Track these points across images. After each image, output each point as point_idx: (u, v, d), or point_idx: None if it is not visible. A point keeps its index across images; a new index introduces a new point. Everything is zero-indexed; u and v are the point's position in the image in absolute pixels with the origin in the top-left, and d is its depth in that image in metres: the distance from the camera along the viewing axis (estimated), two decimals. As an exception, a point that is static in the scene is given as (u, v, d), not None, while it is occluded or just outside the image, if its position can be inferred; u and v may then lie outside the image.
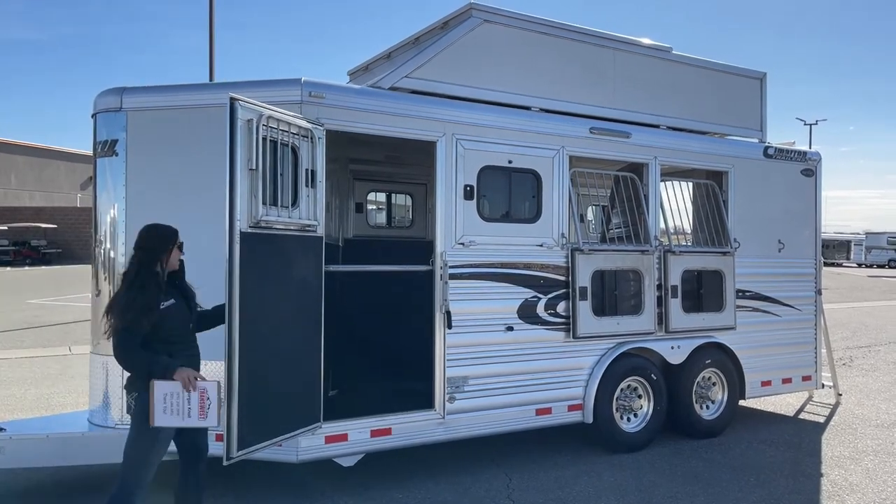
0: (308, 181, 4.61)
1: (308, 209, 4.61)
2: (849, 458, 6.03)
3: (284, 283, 4.39)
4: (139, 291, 3.60)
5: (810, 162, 7.50)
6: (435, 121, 5.23)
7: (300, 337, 4.54)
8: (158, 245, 3.78)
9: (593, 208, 8.84)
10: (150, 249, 3.75)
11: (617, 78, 6.36)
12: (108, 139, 5.02)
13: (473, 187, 5.40)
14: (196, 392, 3.48)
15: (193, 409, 3.48)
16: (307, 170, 4.61)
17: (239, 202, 4.02)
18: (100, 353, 5.05)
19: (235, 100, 4.06)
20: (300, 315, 4.55)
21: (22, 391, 8.42)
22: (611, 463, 5.77)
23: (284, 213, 4.35)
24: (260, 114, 4.14)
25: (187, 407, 3.48)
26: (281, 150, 4.35)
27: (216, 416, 3.52)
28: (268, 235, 4.23)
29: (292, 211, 4.44)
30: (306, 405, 4.61)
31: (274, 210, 4.26)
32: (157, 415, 3.46)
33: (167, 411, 3.47)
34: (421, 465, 5.57)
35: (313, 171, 4.64)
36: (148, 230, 3.84)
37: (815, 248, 7.56)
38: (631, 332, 6.13)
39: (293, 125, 4.46)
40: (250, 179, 4.09)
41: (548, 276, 5.74)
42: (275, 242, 4.29)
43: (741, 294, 6.86)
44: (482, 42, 5.64)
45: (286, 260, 4.43)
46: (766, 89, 7.36)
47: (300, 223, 4.50)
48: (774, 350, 7.11)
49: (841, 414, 7.60)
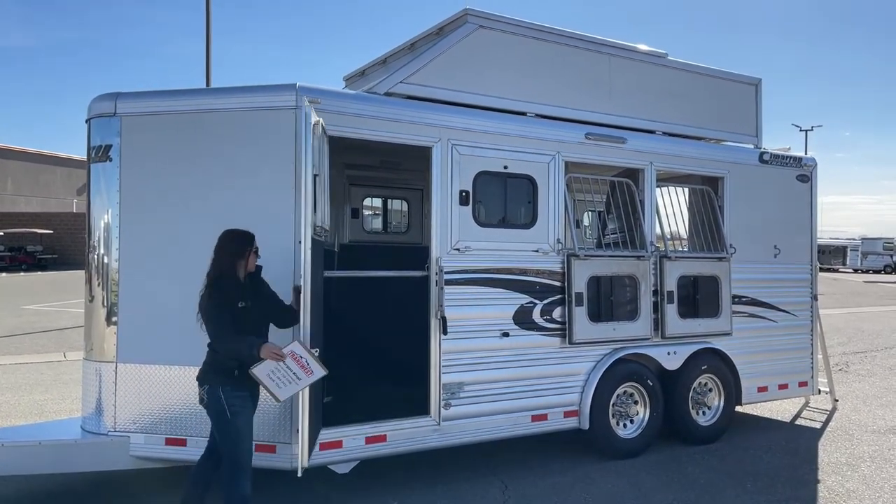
0: (321, 185, 4.64)
1: (322, 214, 4.64)
2: (846, 464, 6.01)
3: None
4: (219, 292, 3.93)
5: (805, 168, 7.51)
6: (430, 126, 5.22)
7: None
8: (237, 249, 4.10)
9: (589, 214, 8.85)
10: (231, 254, 4.08)
11: (613, 84, 6.36)
12: (102, 144, 5.00)
13: (469, 193, 5.38)
14: (288, 358, 3.81)
15: (298, 372, 3.83)
16: (314, 175, 4.61)
17: (307, 209, 4.16)
18: (93, 359, 5.03)
19: (312, 102, 4.20)
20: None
21: (16, 398, 8.37)
22: (607, 470, 5.74)
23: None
24: (318, 118, 4.23)
25: (291, 373, 3.83)
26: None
27: (319, 367, 3.89)
28: (315, 241, 4.37)
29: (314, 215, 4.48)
30: (318, 411, 4.69)
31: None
32: (276, 391, 3.84)
33: (280, 385, 3.83)
34: (417, 471, 5.54)
35: (320, 175, 4.65)
36: (228, 235, 4.15)
37: (811, 254, 7.56)
38: (627, 338, 6.11)
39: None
40: (314, 185, 4.21)
41: (543, 281, 5.72)
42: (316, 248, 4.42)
43: (737, 300, 6.85)
44: (477, 48, 5.64)
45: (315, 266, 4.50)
46: (762, 95, 7.37)
47: (317, 227, 4.55)
48: (771, 356, 7.10)
49: (837, 420, 7.59)
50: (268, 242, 4.72)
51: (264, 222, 4.73)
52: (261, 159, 4.78)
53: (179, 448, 4.80)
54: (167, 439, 4.81)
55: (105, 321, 4.96)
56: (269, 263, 4.70)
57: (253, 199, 4.77)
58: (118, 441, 4.86)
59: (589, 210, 8.58)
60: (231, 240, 4.13)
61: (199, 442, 4.75)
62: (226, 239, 4.13)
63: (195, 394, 4.70)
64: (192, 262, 4.80)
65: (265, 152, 4.77)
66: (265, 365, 3.81)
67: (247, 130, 4.80)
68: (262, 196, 4.76)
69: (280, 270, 4.65)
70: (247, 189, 4.79)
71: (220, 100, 4.90)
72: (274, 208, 4.72)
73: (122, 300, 4.89)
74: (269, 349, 3.81)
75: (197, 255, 4.79)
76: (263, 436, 4.69)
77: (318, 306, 4.67)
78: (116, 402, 4.88)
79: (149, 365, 4.84)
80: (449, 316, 5.17)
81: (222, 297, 3.93)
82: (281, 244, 4.67)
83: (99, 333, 4.99)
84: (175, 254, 4.85)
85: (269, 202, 4.74)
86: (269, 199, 4.75)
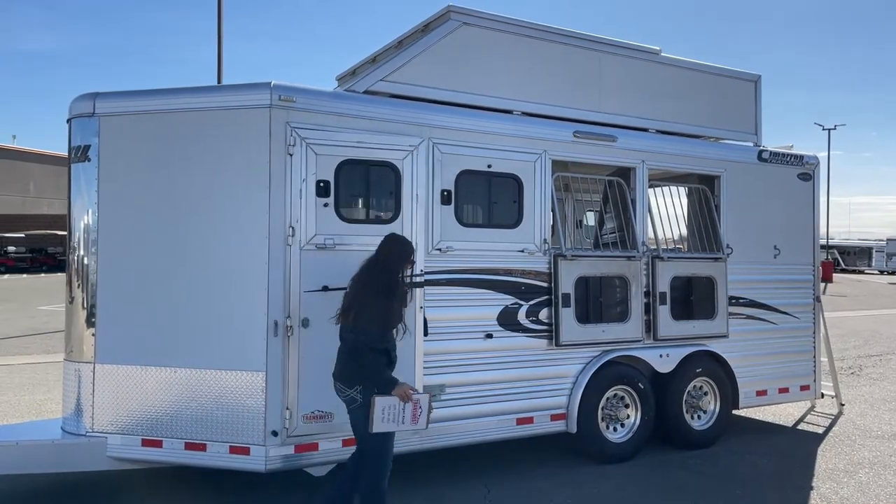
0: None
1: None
2: (843, 470, 5.84)
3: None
4: (394, 299, 3.98)
5: (807, 166, 7.33)
6: (411, 124, 5.14)
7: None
8: (404, 257, 4.13)
9: (593, 214, 8.72)
10: (398, 259, 4.09)
11: (603, 81, 6.24)
12: (82, 144, 4.99)
13: (451, 192, 5.30)
14: (410, 403, 3.95)
15: (407, 417, 3.96)
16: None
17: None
18: (72, 360, 5.02)
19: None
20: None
21: (17, 397, 8.44)
22: (594, 474, 5.62)
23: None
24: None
25: (402, 415, 3.95)
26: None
27: (426, 421, 4.04)
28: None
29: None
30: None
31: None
32: (376, 423, 3.90)
33: (385, 420, 3.93)
34: (396, 473, 5.45)
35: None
36: (394, 241, 4.18)
37: (814, 255, 7.38)
38: (617, 340, 5.99)
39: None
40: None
41: (529, 282, 5.62)
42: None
43: (734, 301, 6.69)
44: (461, 45, 5.56)
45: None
46: (761, 92, 7.20)
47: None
48: (770, 359, 6.93)
49: (841, 424, 7.39)
50: (240, 244, 4.71)
51: (239, 224, 4.72)
52: (235, 159, 4.73)
53: (156, 450, 4.77)
54: (143, 440, 4.78)
55: (85, 322, 4.95)
56: (239, 265, 4.70)
57: (227, 201, 4.73)
58: (95, 442, 4.84)
59: (590, 210, 8.46)
60: (400, 244, 4.18)
61: (174, 444, 4.75)
62: (394, 243, 4.16)
63: (171, 394, 4.73)
64: (169, 264, 4.82)
65: (239, 152, 4.72)
66: (389, 399, 3.91)
67: (221, 130, 4.77)
68: (237, 197, 4.72)
69: (252, 272, 4.63)
70: (221, 190, 4.75)
71: (196, 99, 4.86)
72: (247, 210, 4.68)
73: (100, 301, 4.87)
74: (405, 391, 3.93)
75: (173, 256, 4.82)
76: (237, 438, 4.66)
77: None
78: (94, 402, 4.87)
79: (126, 366, 4.82)
80: (430, 317, 5.09)
81: (391, 301, 3.98)
82: (251, 248, 4.64)
83: (78, 334, 4.98)
84: (151, 255, 4.82)
85: (243, 203, 4.70)
86: (242, 201, 4.70)
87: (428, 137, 5.21)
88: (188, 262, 4.78)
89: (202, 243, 4.77)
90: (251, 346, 4.64)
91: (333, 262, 4.76)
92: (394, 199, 5.03)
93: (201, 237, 4.77)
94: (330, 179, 4.80)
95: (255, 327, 4.63)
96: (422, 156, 5.11)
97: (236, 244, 4.71)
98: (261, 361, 4.62)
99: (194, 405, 4.72)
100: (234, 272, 4.70)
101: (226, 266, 4.72)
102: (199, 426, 4.72)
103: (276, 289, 4.64)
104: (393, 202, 5.04)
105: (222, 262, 4.73)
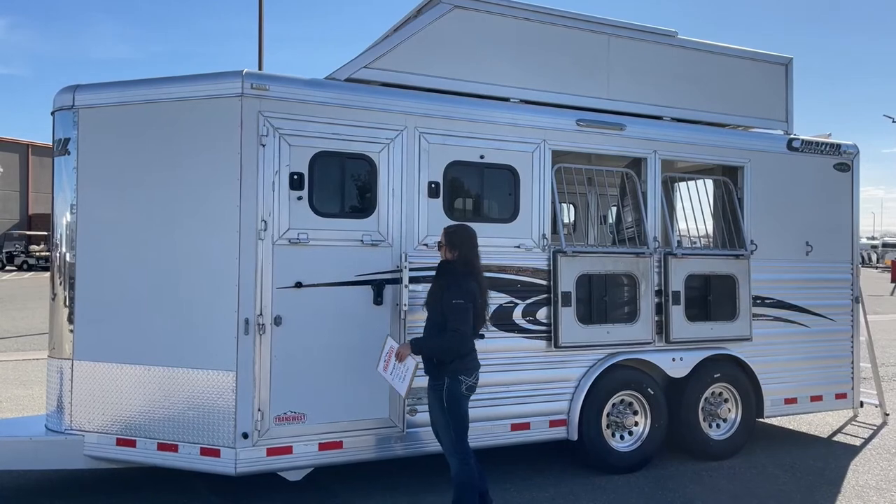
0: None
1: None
2: (874, 487, 5.31)
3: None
4: (470, 285, 4.21)
5: (845, 155, 6.75)
6: (392, 113, 4.88)
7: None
8: (475, 243, 4.37)
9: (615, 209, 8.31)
10: (473, 246, 4.35)
11: (612, 66, 5.85)
12: (62, 137, 4.91)
13: (439, 184, 5.02)
14: (403, 364, 4.26)
15: (406, 378, 4.23)
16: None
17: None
18: (56, 356, 4.95)
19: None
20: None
21: (18, 391, 8.44)
22: (594, 486, 5.26)
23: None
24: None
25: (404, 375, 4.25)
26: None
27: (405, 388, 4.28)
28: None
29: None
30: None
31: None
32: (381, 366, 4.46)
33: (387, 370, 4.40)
34: (378, 479, 5.22)
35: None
36: (465, 229, 4.41)
37: (853, 251, 6.79)
38: (624, 342, 5.59)
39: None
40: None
41: (526, 279, 5.29)
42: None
43: (760, 301, 6.20)
44: (453, 29, 5.27)
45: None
46: (793, 76, 6.67)
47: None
48: (800, 364, 6.39)
49: (883, 436, 6.78)
50: (210, 238, 4.55)
51: (209, 217, 4.56)
52: (206, 150, 4.57)
53: (129, 449, 4.65)
54: (118, 440, 4.67)
55: (66, 319, 4.87)
56: (209, 260, 4.54)
57: (198, 193, 4.58)
58: (73, 440, 4.76)
59: (614, 205, 8.04)
60: (472, 236, 4.38)
61: (147, 444, 4.62)
62: (468, 234, 4.37)
63: (145, 393, 4.60)
64: (143, 258, 4.70)
65: (211, 143, 4.56)
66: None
67: (195, 120, 4.61)
68: (208, 189, 4.56)
69: (222, 267, 4.46)
70: (192, 183, 4.61)
71: (171, 89, 4.71)
72: (218, 203, 4.51)
73: (78, 297, 4.78)
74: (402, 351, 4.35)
75: (147, 250, 4.69)
76: (208, 439, 4.50)
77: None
78: (73, 400, 4.79)
79: (102, 363, 4.72)
80: (415, 316, 4.83)
81: (472, 290, 4.20)
82: (221, 242, 4.47)
83: (59, 331, 4.91)
84: (127, 249, 4.71)
85: (214, 196, 4.53)
86: (213, 193, 4.54)
87: (414, 126, 4.94)
88: (161, 256, 4.66)
89: (173, 237, 4.63)
90: (221, 345, 4.47)
91: (307, 258, 4.57)
92: (371, 192, 4.79)
93: (172, 231, 4.64)
94: (304, 172, 4.59)
95: (225, 325, 4.47)
96: (400, 147, 4.85)
97: (206, 238, 4.56)
98: (231, 361, 4.45)
99: (167, 405, 4.59)
100: (204, 267, 4.55)
101: (196, 261, 4.57)
102: (171, 427, 4.58)
103: (248, 285, 4.46)
104: (370, 196, 4.80)
105: (193, 256, 4.58)
